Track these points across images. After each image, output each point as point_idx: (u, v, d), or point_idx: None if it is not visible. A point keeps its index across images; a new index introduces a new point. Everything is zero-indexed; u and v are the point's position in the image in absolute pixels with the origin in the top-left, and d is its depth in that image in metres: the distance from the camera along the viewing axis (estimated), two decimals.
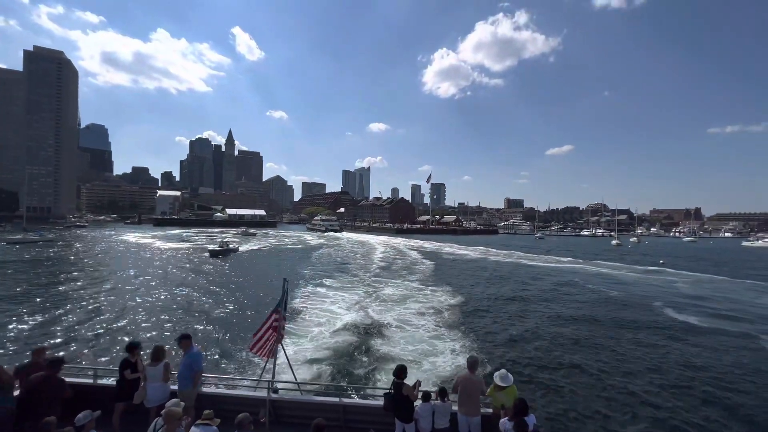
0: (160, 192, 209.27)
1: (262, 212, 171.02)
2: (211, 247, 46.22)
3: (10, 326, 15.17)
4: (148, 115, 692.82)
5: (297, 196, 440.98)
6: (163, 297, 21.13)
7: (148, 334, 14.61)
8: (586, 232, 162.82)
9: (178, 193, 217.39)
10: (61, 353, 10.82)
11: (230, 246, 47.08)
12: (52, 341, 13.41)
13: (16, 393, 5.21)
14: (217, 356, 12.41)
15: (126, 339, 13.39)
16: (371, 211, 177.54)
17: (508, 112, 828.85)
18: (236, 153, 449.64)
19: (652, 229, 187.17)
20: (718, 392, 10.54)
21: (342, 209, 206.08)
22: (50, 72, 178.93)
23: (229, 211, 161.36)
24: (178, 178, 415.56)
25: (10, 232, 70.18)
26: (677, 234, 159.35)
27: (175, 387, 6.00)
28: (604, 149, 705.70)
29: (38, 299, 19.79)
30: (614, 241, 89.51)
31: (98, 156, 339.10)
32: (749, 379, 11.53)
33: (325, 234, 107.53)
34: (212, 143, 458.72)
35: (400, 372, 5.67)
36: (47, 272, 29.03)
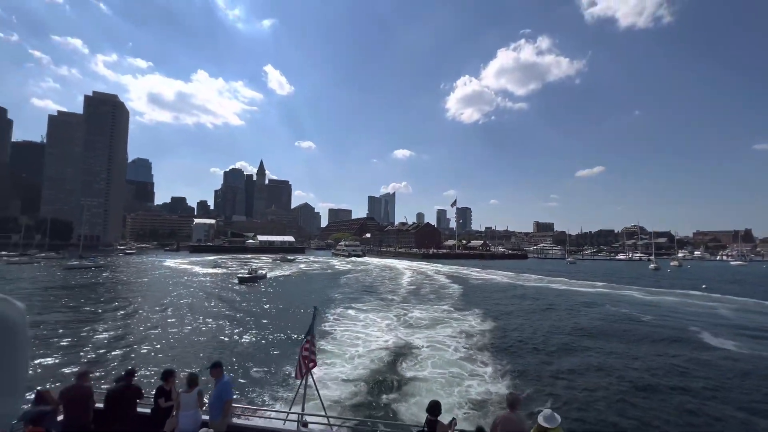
0: (196, 220, 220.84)
1: (291, 239, 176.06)
2: (240, 273, 47.05)
3: (58, 347, 16.36)
4: (186, 149, 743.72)
5: (324, 222, 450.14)
6: (195, 323, 21.74)
7: (178, 360, 14.92)
8: (621, 256, 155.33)
9: (213, 221, 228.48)
10: (129, 367, 12.08)
11: (259, 273, 47.77)
12: (92, 364, 14.06)
13: (60, 418, 5.42)
14: (246, 385, 12.40)
15: (148, 362, 14.22)
16: (397, 237, 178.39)
17: (534, 135, 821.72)
18: (267, 182, 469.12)
19: (695, 253, 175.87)
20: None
21: (368, 235, 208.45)
22: (106, 114, 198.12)
23: (260, 237, 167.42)
24: (212, 207, 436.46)
25: (67, 258, 76.55)
26: (724, 257, 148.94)
27: (206, 417, 5.95)
28: (638, 169, 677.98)
29: (87, 322, 21.42)
30: (652, 266, 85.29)
31: (142, 187, 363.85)
32: None
33: (351, 259, 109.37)
34: (244, 173, 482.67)
35: (434, 408, 5.28)
36: (98, 296, 31.93)
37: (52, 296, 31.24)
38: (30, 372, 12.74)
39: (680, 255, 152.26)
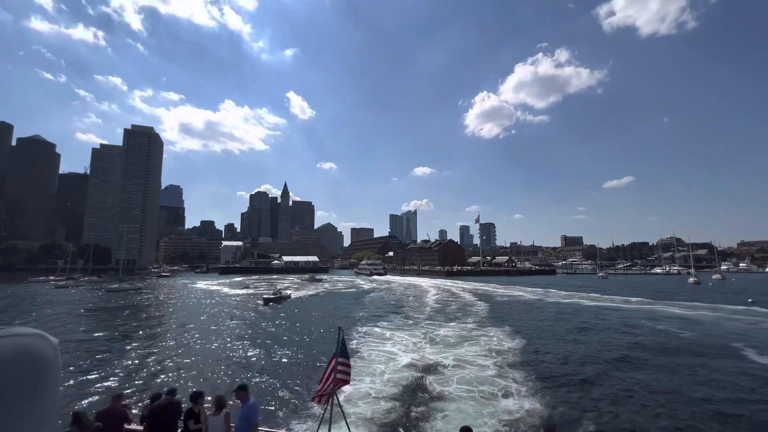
0: (224, 243, 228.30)
1: (315, 259, 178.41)
2: (265, 294, 47.35)
3: (98, 366, 17.19)
4: (214, 174, 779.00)
5: (346, 242, 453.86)
6: (222, 344, 22.10)
7: (205, 381, 15.15)
8: (658, 270, 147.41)
9: (240, 243, 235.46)
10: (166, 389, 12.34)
11: (283, 293, 48.13)
12: (123, 385, 14.66)
13: None
14: (272, 407, 12.41)
15: (176, 383, 14.32)
16: (420, 254, 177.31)
17: (557, 147, 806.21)
18: (290, 203, 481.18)
19: (741, 265, 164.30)
20: None
21: (391, 253, 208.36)
22: (142, 145, 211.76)
23: (285, 258, 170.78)
24: (239, 229, 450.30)
25: (108, 282, 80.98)
26: None
27: None
28: (671, 178, 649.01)
29: (126, 342, 22.58)
30: (692, 279, 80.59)
31: (173, 212, 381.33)
32: None
33: (374, 278, 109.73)
34: (269, 196, 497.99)
35: None
36: (137, 317, 33.78)
37: (95, 317, 33.38)
38: (66, 392, 13.69)
39: (723, 267, 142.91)
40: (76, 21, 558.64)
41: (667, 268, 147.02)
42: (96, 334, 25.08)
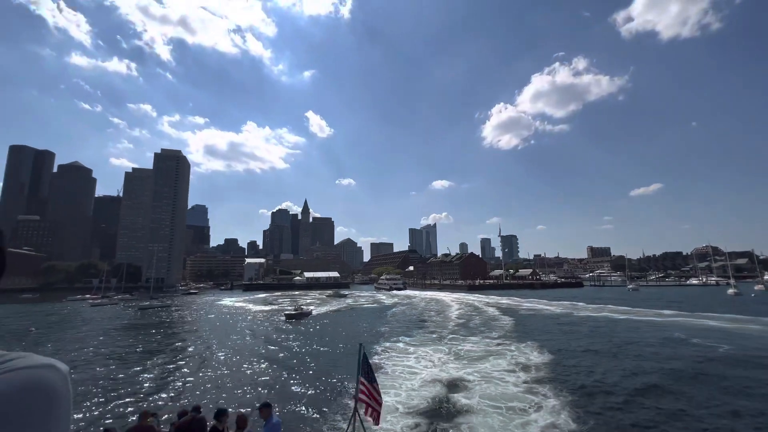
0: (247, 260, 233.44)
1: (336, 274, 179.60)
2: (287, 311, 47.55)
3: (127, 381, 17.80)
4: (237, 193, 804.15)
5: (366, 257, 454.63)
6: (245, 360, 22.28)
7: (228, 398, 15.32)
8: (694, 281, 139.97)
9: (262, 260, 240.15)
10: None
11: (304, 310, 48.37)
12: (151, 400, 15.15)
13: None
14: (294, 425, 12.43)
15: (200, 400, 14.51)
16: (440, 268, 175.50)
17: (579, 156, 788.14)
18: (310, 220, 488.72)
19: None
20: None
21: (411, 267, 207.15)
22: (171, 168, 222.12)
23: (307, 274, 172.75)
24: (261, 246, 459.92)
25: (139, 299, 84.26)
26: None
27: None
28: (702, 184, 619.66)
29: (155, 359, 23.23)
30: (731, 290, 76.10)
31: (199, 231, 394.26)
32: None
33: (392, 292, 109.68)
34: (290, 213, 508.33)
35: None
36: (167, 334, 35.09)
37: (128, 334, 34.93)
38: (96, 408, 14.28)
39: (766, 277, 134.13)
40: (111, 55, 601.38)
41: (704, 279, 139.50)
42: (128, 351, 26.26)
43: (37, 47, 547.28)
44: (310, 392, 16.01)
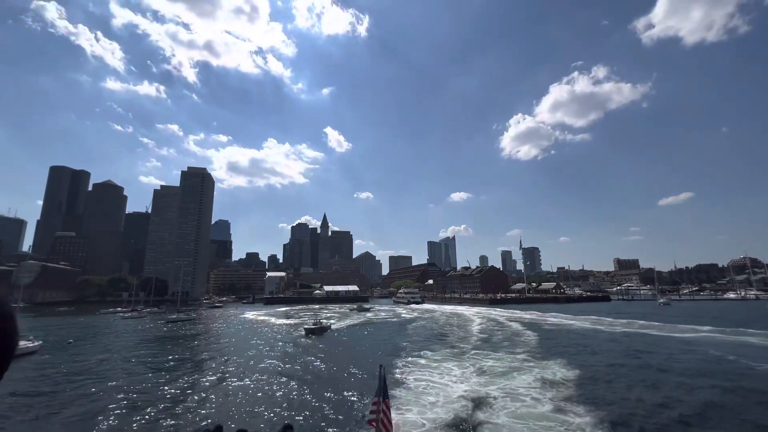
0: (268, 274, 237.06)
1: (355, 288, 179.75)
2: (306, 325, 47.32)
3: (150, 395, 18.19)
4: (258, 208, 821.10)
5: (384, 270, 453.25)
6: (267, 376, 22.32)
7: (248, 415, 15.40)
8: (731, 295, 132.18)
9: (283, 273, 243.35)
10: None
11: (323, 324, 48.14)
12: (172, 415, 15.33)
13: None
14: None
15: (222, 419, 14.65)
16: (460, 282, 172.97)
17: (602, 166, 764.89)
18: (329, 234, 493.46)
19: None
20: None
21: (430, 281, 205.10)
22: (196, 185, 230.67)
23: (327, 287, 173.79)
24: (281, 260, 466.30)
25: (167, 312, 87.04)
26: None
27: None
28: (736, 192, 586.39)
29: (181, 373, 23.83)
30: None
31: (222, 246, 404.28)
32: None
33: (416, 307, 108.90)
34: (309, 227, 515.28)
35: None
36: (193, 346, 36.43)
37: (157, 347, 36.30)
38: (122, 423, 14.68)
39: None
40: (142, 79, 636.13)
41: (743, 293, 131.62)
42: (156, 364, 27.38)
43: (76, 74, 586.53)
44: (329, 413, 15.76)
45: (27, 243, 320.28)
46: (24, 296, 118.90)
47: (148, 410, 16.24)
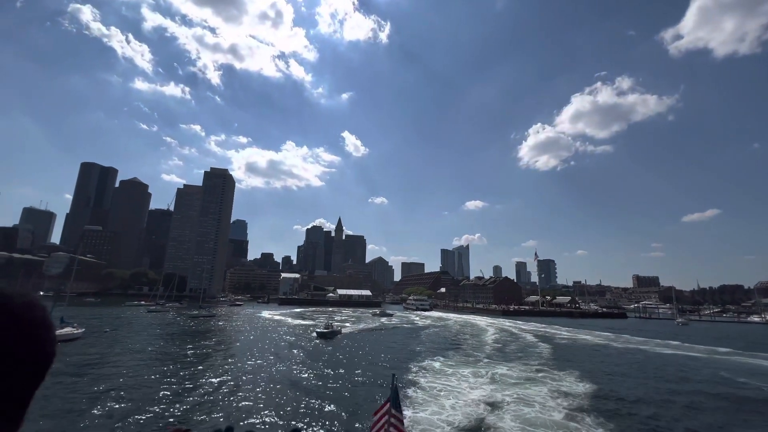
0: (283, 275, 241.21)
1: (368, 293, 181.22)
2: (318, 329, 47.68)
3: (160, 392, 18.25)
4: (274, 209, 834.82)
5: (397, 276, 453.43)
6: (280, 377, 22.47)
7: (258, 418, 15.38)
8: (755, 318, 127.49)
9: (297, 275, 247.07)
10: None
11: (335, 328, 48.27)
12: (184, 414, 15.48)
13: None
14: None
15: (232, 419, 14.90)
16: (473, 291, 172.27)
17: (624, 179, 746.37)
18: (343, 237, 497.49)
19: None
20: None
21: (443, 289, 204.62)
22: (218, 185, 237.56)
23: (340, 291, 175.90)
24: (295, 262, 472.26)
25: (187, 308, 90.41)
26: None
27: None
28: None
29: (198, 365, 24.94)
30: None
31: (238, 245, 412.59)
32: None
33: (422, 313, 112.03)
34: (324, 230, 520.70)
35: None
36: (212, 342, 38.40)
37: (183, 339, 38.63)
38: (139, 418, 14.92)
39: None
40: (169, 80, 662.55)
41: (767, 317, 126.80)
42: (179, 357, 29.30)
43: (107, 74, 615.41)
44: (339, 418, 15.63)
45: (56, 235, 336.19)
46: (53, 286, 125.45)
47: (166, 402, 16.84)
